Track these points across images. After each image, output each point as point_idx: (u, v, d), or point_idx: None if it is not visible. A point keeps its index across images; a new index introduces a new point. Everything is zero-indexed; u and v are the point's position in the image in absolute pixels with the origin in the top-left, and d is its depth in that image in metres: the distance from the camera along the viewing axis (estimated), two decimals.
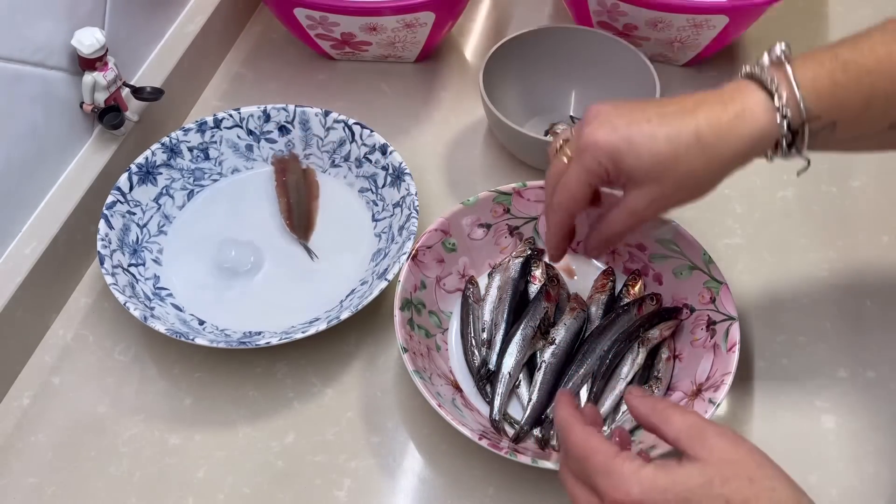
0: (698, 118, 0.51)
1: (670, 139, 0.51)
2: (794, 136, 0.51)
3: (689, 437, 0.45)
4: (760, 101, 0.51)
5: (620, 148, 0.52)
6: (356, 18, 0.81)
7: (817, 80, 0.51)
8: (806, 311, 0.71)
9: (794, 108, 0.50)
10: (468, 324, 0.67)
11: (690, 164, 0.51)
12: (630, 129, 0.52)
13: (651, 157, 0.51)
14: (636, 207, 0.54)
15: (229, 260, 0.72)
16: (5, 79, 0.63)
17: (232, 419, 0.65)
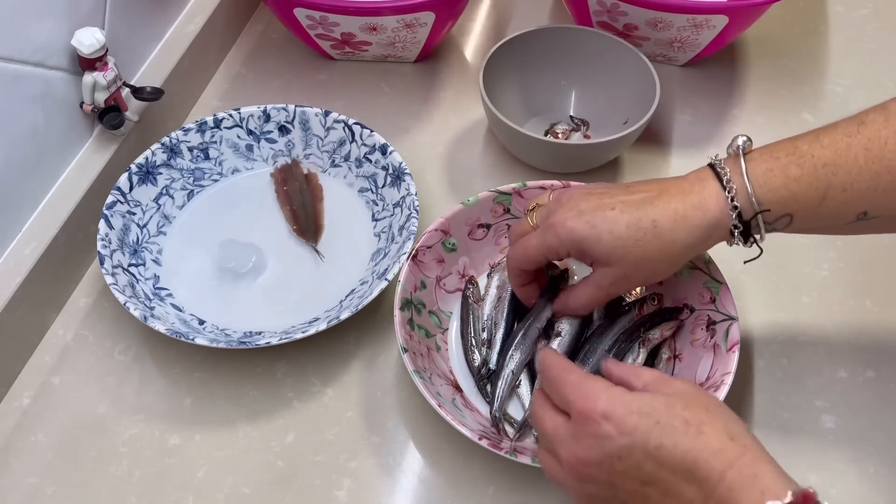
0: (658, 207, 0.55)
1: (629, 225, 0.55)
2: (747, 227, 0.54)
3: (656, 382, 0.48)
4: (714, 193, 0.54)
5: (584, 232, 0.55)
6: (356, 18, 0.81)
7: (770, 174, 0.54)
8: (806, 311, 0.71)
9: (744, 201, 0.54)
10: (468, 324, 0.67)
11: (647, 248, 0.55)
12: (595, 216, 0.55)
13: (612, 241, 0.55)
14: (601, 283, 0.58)
15: (230, 261, 0.72)
16: (5, 79, 0.63)
17: (232, 419, 0.65)
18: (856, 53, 0.93)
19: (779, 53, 0.92)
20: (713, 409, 0.46)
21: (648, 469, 0.45)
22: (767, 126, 0.85)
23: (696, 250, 0.56)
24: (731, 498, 0.43)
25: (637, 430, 0.45)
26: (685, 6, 0.79)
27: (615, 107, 0.83)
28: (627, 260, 0.55)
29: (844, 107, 0.87)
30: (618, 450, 0.45)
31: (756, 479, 0.43)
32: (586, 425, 0.46)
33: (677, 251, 0.55)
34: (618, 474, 0.46)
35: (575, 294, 0.61)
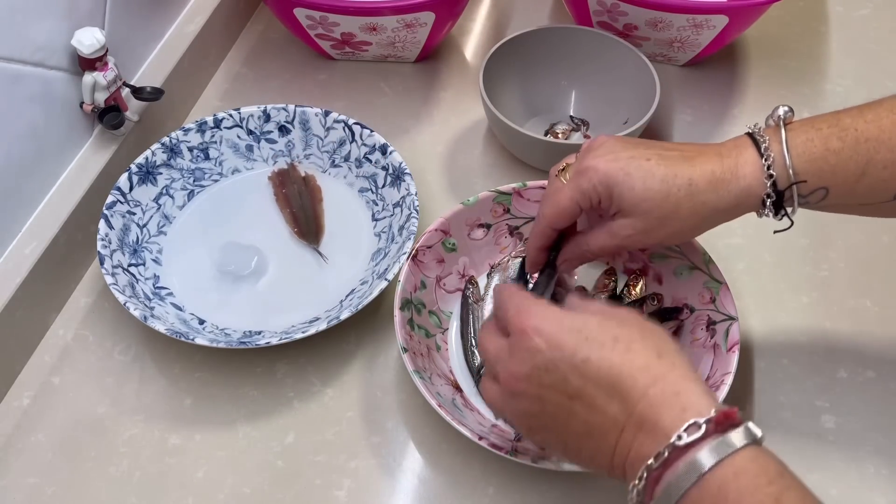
0: (694, 166, 0.54)
1: (665, 179, 0.53)
2: (780, 197, 0.53)
3: (600, 307, 0.48)
4: (751, 160, 0.53)
5: (617, 177, 0.54)
6: (356, 18, 0.81)
7: (810, 144, 0.53)
8: (806, 311, 0.71)
9: (781, 170, 0.53)
10: (468, 324, 0.67)
11: (678, 205, 0.54)
12: (630, 163, 0.54)
13: (644, 191, 0.54)
14: (618, 233, 0.56)
15: (231, 264, 0.72)
16: (5, 79, 0.63)
17: (232, 419, 0.65)
18: (856, 53, 0.93)
19: (779, 53, 0.92)
20: (647, 331, 0.46)
21: (575, 383, 0.45)
22: None
23: (725, 217, 0.55)
24: (652, 413, 0.43)
25: (566, 345, 0.45)
26: (685, 6, 0.79)
27: (615, 107, 0.83)
28: (654, 214, 0.54)
29: (844, 107, 0.86)
30: (545, 362, 0.45)
31: (678, 397, 0.43)
32: (520, 340, 0.47)
33: (706, 213, 0.54)
34: (546, 387, 0.46)
35: (588, 238, 0.59)
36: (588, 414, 0.45)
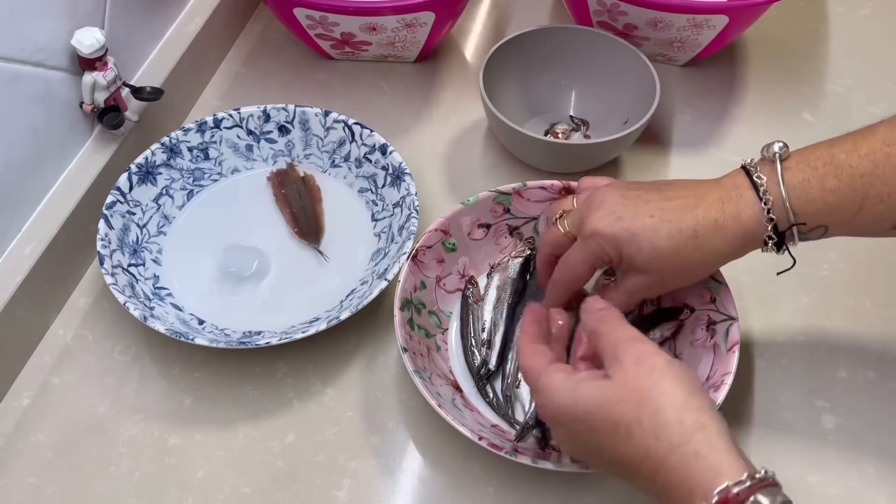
0: (697, 216, 0.54)
1: (671, 236, 0.54)
2: (781, 238, 0.54)
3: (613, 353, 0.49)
4: (751, 203, 0.54)
5: (623, 239, 0.55)
6: (356, 18, 0.81)
7: (807, 185, 0.53)
8: (806, 311, 0.71)
9: (780, 212, 0.53)
10: (468, 324, 0.67)
11: (688, 257, 0.55)
12: (634, 222, 0.55)
13: (652, 251, 0.54)
14: (635, 290, 0.58)
15: (232, 266, 0.72)
16: (5, 79, 0.63)
17: (232, 419, 0.65)
18: (856, 53, 0.93)
19: (779, 53, 0.92)
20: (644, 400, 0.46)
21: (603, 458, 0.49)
22: (767, 126, 0.85)
23: (732, 258, 0.56)
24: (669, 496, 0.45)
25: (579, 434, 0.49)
26: (685, 6, 0.79)
27: (615, 107, 0.82)
28: (665, 269, 0.56)
29: (844, 107, 0.87)
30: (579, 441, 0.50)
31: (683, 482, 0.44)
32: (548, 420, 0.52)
33: (714, 259, 0.56)
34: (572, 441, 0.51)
35: (610, 297, 0.59)
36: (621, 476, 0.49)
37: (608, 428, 0.46)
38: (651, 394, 0.46)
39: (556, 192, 0.69)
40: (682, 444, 0.44)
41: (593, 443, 0.48)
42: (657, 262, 0.55)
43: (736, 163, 0.57)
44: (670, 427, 0.44)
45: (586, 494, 0.61)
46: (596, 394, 0.47)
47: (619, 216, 0.55)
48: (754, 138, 0.83)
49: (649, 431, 0.45)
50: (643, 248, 0.55)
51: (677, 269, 0.56)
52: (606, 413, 0.46)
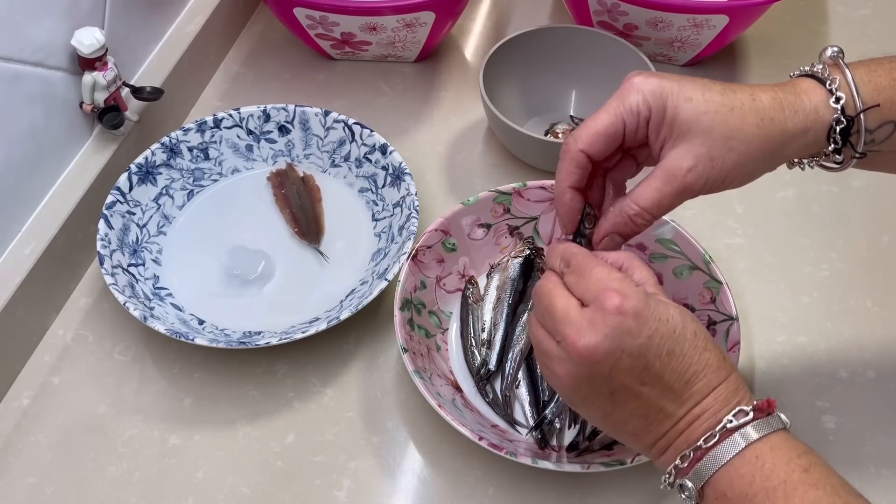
0: (753, 87, 0.48)
1: (724, 92, 0.47)
2: (849, 126, 0.48)
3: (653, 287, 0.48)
4: (813, 88, 0.49)
5: (670, 88, 0.47)
6: (356, 18, 0.81)
7: (874, 74, 0.49)
8: (806, 311, 0.71)
9: (847, 97, 0.48)
10: (468, 324, 0.67)
11: (744, 120, 0.47)
12: (682, 79, 0.48)
13: (704, 103, 0.47)
14: (676, 169, 0.47)
15: (238, 267, 0.72)
16: (5, 79, 0.63)
17: (232, 419, 0.65)
18: (856, 53, 0.92)
19: (779, 53, 0.92)
20: (700, 330, 0.47)
21: (654, 372, 0.45)
22: None
23: (793, 142, 0.48)
24: (715, 408, 0.46)
25: (656, 334, 0.45)
26: (685, 6, 0.79)
27: None
28: (717, 131, 0.46)
29: None
30: (634, 347, 0.44)
31: (737, 393, 0.46)
32: (610, 316, 0.44)
33: (774, 134, 0.47)
34: (622, 370, 0.45)
35: (635, 196, 0.49)
36: (655, 399, 0.46)
37: (689, 335, 0.45)
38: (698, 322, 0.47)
39: None
40: (735, 369, 0.47)
41: (665, 348, 0.45)
42: (708, 119, 0.46)
43: None
44: (727, 354, 0.48)
45: (586, 494, 0.61)
46: (672, 305, 0.46)
47: (665, 75, 0.48)
48: None
49: (719, 350, 0.47)
50: (693, 97, 0.47)
51: (731, 135, 0.47)
52: (689, 322, 0.46)
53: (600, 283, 0.46)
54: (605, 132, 0.48)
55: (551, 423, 0.62)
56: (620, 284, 0.45)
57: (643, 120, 0.48)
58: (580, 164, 0.49)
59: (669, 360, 0.45)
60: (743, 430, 0.45)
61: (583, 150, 0.48)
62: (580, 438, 0.61)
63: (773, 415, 0.46)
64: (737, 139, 0.47)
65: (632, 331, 0.44)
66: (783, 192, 0.79)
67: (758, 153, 0.48)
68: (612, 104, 0.48)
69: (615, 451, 0.60)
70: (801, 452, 0.44)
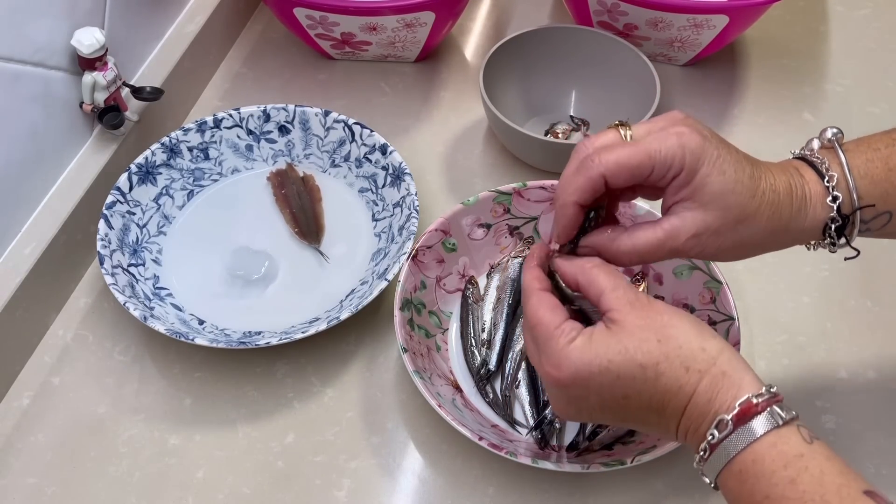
0: (773, 174, 0.49)
1: (753, 177, 0.48)
2: (845, 223, 0.50)
3: (608, 301, 0.46)
4: (814, 180, 0.50)
5: (710, 156, 0.46)
6: (356, 18, 0.81)
7: (870, 165, 0.50)
8: (806, 311, 0.71)
9: (844, 193, 0.49)
10: (468, 324, 0.67)
11: (759, 209, 0.48)
12: (722, 146, 0.48)
13: (734, 183, 0.47)
14: (681, 231, 0.48)
15: (241, 268, 0.72)
16: (5, 79, 0.63)
17: (232, 419, 0.65)
18: (856, 53, 0.93)
19: (779, 53, 0.92)
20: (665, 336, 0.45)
21: (623, 412, 0.47)
22: (768, 126, 0.85)
23: (786, 237, 0.50)
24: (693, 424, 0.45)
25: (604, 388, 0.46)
26: (685, 6, 0.79)
27: (615, 107, 0.82)
28: (733, 212, 0.47)
29: (845, 107, 0.87)
30: (592, 404, 0.47)
31: (711, 403, 0.44)
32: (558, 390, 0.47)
33: (778, 229, 0.49)
34: (600, 416, 0.48)
35: (633, 235, 0.49)
36: (643, 426, 0.49)
37: (635, 372, 0.45)
38: (669, 330, 0.45)
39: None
40: (709, 369, 0.45)
41: (617, 393, 0.45)
42: (731, 198, 0.47)
43: None
44: (696, 356, 0.45)
45: (586, 494, 0.61)
46: (614, 342, 0.45)
47: (706, 136, 0.47)
48: (755, 138, 0.83)
49: (678, 365, 0.45)
50: (727, 171, 0.46)
51: (744, 219, 0.47)
52: (630, 358, 0.45)
53: (540, 347, 0.48)
54: (633, 169, 0.47)
55: (551, 423, 0.62)
56: (553, 350, 0.46)
57: (672, 174, 0.47)
58: (597, 187, 0.48)
59: (628, 403, 0.46)
60: (724, 446, 0.43)
61: (604, 176, 0.47)
62: (580, 438, 0.61)
63: (759, 416, 0.43)
64: (746, 225, 0.48)
65: (580, 395, 0.47)
66: None
67: (757, 242, 0.49)
68: (651, 144, 0.47)
69: (615, 451, 0.60)
70: (788, 461, 0.42)
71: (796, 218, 0.49)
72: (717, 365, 0.45)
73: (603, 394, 0.46)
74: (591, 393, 0.46)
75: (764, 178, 0.48)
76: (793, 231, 0.50)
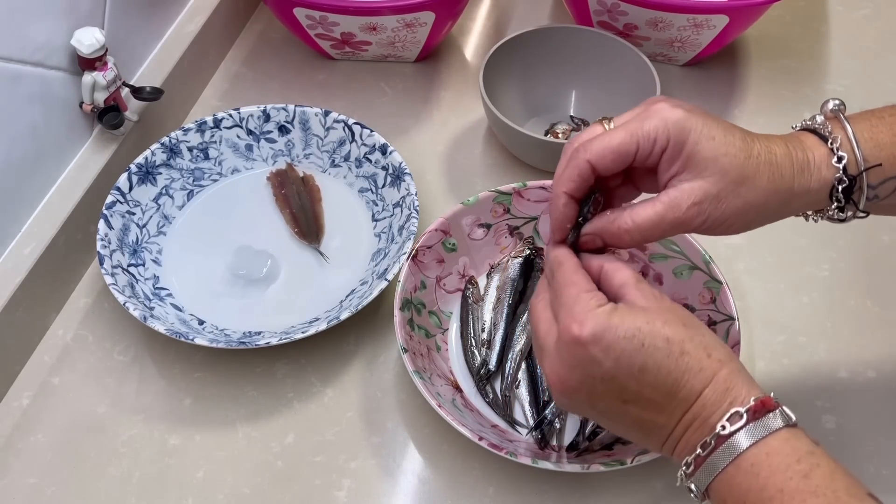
0: (769, 138, 0.49)
1: (745, 139, 0.48)
2: (851, 185, 0.49)
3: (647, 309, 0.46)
4: (817, 144, 0.49)
5: (695, 124, 0.46)
6: (356, 18, 0.81)
7: (875, 130, 0.49)
8: (806, 311, 0.71)
9: (849, 154, 0.49)
10: (468, 324, 0.67)
11: (758, 169, 0.47)
12: (707, 116, 0.48)
13: (725, 145, 0.46)
14: (682, 201, 0.47)
15: (243, 267, 0.72)
16: (5, 79, 0.63)
17: (232, 419, 0.65)
18: (856, 53, 0.93)
19: (779, 53, 0.92)
20: (691, 326, 0.46)
21: (632, 389, 0.45)
22: (768, 126, 0.84)
23: (794, 202, 0.49)
24: (705, 413, 0.44)
25: (623, 355, 0.44)
26: (685, 6, 0.79)
27: (615, 107, 0.82)
28: (731, 174, 0.46)
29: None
30: (602, 373, 0.45)
31: (728, 393, 0.44)
32: (574, 349, 0.45)
33: (782, 189, 0.48)
34: (599, 395, 0.46)
35: (632, 212, 0.48)
36: (641, 414, 0.46)
37: (660, 344, 0.44)
38: (692, 319, 0.46)
39: None
40: (729, 361, 0.45)
41: (636, 362, 0.44)
42: (726, 160, 0.46)
43: None
44: (717, 346, 0.45)
45: (586, 494, 0.61)
46: (642, 315, 0.45)
47: (692, 108, 0.48)
48: None
49: (701, 348, 0.45)
50: (716, 136, 0.46)
51: (743, 181, 0.47)
52: (658, 331, 0.44)
53: (565, 307, 0.46)
54: (616, 149, 0.47)
55: (551, 423, 0.62)
56: (581, 309, 0.45)
57: (658, 148, 0.47)
58: (584, 174, 0.48)
59: (643, 376, 0.44)
60: (736, 437, 0.43)
61: (590, 161, 0.48)
62: (580, 438, 0.61)
63: (773, 412, 0.44)
64: (747, 186, 0.47)
65: (595, 358, 0.45)
66: None
67: (762, 204, 0.48)
68: (630, 125, 0.47)
69: (615, 452, 0.60)
70: (801, 456, 0.42)
71: (799, 178, 0.48)
72: (734, 362, 0.46)
73: (621, 361, 0.44)
74: (608, 358, 0.44)
75: (758, 141, 0.48)
76: (798, 192, 0.48)
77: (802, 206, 0.50)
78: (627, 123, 0.48)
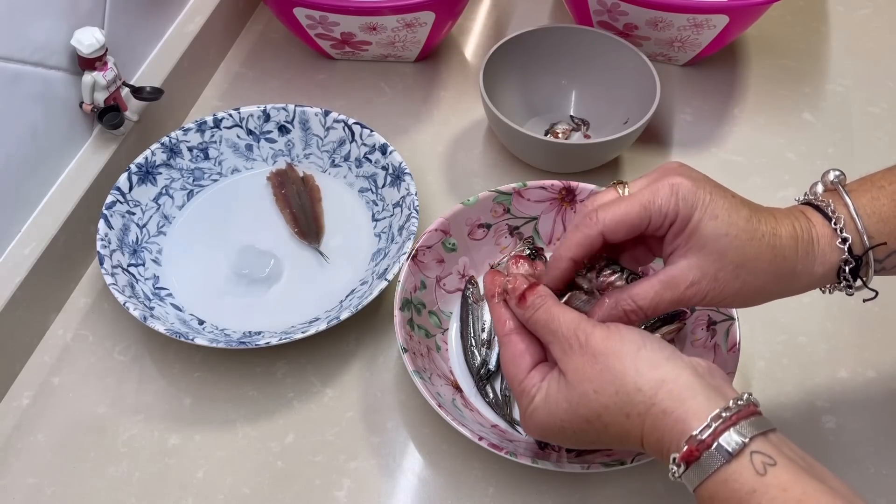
0: (776, 218, 0.48)
1: (750, 220, 0.47)
2: (858, 265, 0.49)
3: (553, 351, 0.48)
4: (821, 223, 0.49)
5: (702, 200, 0.46)
6: (356, 18, 0.81)
7: (876, 203, 0.49)
8: (806, 311, 0.71)
9: (853, 234, 0.48)
10: (468, 324, 0.67)
11: (759, 253, 0.47)
12: (715, 191, 0.47)
13: (728, 225, 0.46)
14: (680, 280, 0.47)
15: (246, 267, 0.72)
16: (5, 79, 0.63)
17: (232, 419, 0.65)
18: (856, 53, 0.93)
19: (779, 53, 0.92)
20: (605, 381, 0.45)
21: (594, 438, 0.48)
22: (768, 126, 0.85)
23: (798, 283, 0.49)
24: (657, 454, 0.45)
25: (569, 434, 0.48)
26: (685, 6, 0.79)
27: (615, 107, 0.82)
28: (729, 257, 0.46)
29: (844, 107, 0.87)
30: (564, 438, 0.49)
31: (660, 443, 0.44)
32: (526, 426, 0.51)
33: (783, 273, 0.48)
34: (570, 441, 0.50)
35: (632, 292, 0.48)
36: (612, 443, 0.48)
37: (584, 427, 0.47)
38: (604, 376, 0.45)
39: (556, 192, 0.70)
40: (648, 410, 0.44)
41: (584, 440, 0.48)
42: (726, 242, 0.46)
43: (737, 162, 0.57)
44: (632, 399, 0.44)
45: (586, 494, 0.61)
46: (562, 398, 0.47)
47: (698, 180, 0.47)
48: (755, 138, 0.83)
49: (617, 413, 0.45)
50: (720, 215, 0.46)
51: (743, 264, 0.47)
52: (575, 414, 0.47)
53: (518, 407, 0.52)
54: (630, 223, 0.48)
55: None
56: (522, 413, 0.50)
57: (668, 223, 0.47)
58: (593, 243, 0.49)
59: (599, 442, 0.48)
60: (683, 481, 0.43)
61: (602, 232, 0.48)
62: None
63: (708, 450, 0.41)
64: (746, 269, 0.47)
65: (556, 440, 0.50)
66: (783, 192, 0.79)
67: (762, 287, 0.48)
68: (644, 196, 0.47)
69: (615, 451, 0.60)
70: (741, 499, 0.40)
71: (804, 261, 0.48)
72: (657, 404, 0.44)
73: (573, 441, 0.49)
74: (564, 440, 0.49)
75: (764, 221, 0.48)
76: (802, 275, 0.49)
77: (806, 287, 0.50)
78: (641, 193, 0.48)
